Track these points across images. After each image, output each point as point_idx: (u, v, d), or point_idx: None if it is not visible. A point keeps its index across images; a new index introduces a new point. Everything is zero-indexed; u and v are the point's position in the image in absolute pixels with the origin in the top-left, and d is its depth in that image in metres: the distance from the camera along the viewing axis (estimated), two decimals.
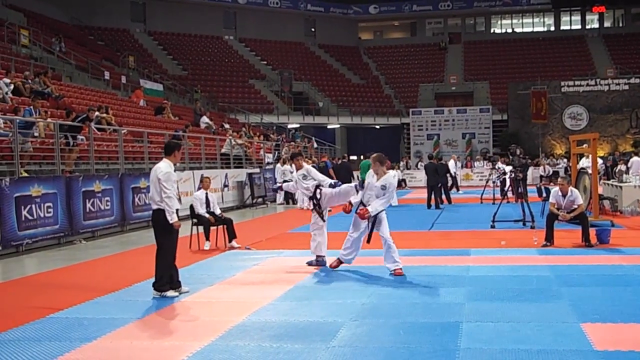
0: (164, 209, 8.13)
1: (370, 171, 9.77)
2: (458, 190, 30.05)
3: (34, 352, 5.98)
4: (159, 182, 8.14)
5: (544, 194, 17.97)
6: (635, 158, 30.91)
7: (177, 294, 8.27)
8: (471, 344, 5.92)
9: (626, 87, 44.14)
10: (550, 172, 33.57)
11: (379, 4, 60.73)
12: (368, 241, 9.58)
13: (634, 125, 43.68)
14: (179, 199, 8.47)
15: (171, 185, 8.17)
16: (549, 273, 9.25)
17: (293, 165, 23.93)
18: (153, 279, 8.35)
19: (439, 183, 21.24)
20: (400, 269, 9.32)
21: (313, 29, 59.30)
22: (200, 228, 12.78)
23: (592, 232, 11.87)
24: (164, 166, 8.30)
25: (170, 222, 8.13)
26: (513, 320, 6.69)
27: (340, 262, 9.90)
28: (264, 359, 5.68)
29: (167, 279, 8.29)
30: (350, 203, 9.73)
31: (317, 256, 10.35)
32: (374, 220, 9.46)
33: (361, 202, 9.57)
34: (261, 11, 55.66)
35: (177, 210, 8.30)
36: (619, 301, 7.43)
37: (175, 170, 8.52)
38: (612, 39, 56.02)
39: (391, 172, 9.81)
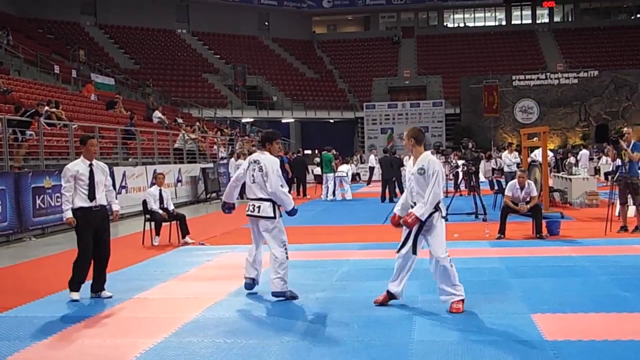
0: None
1: (408, 158, 7.69)
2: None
3: None
4: None
5: (496, 187, 18.24)
6: (584, 151, 31.68)
7: (77, 297, 7.82)
8: (424, 336, 5.98)
9: (575, 80, 45.10)
10: (502, 165, 33.99)
11: None
12: (400, 250, 7.14)
13: (583, 119, 44.68)
14: (89, 193, 7.99)
15: (67, 180, 7.92)
16: (500, 265, 9.40)
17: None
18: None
19: (394, 177, 21.36)
20: (460, 301, 6.86)
21: (267, 23, 59.01)
22: (153, 224, 12.67)
23: (543, 223, 12.11)
24: (71, 163, 8.21)
25: (63, 219, 8.02)
26: (465, 312, 6.77)
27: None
28: (217, 354, 5.66)
29: (78, 280, 7.92)
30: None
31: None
32: (420, 227, 6.90)
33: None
34: (214, 4, 55.09)
35: (89, 207, 7.97)
36: (568, 292, 7.58)
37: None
38: (562, 34, 56.97)
39: (428, 153, 7.03)
